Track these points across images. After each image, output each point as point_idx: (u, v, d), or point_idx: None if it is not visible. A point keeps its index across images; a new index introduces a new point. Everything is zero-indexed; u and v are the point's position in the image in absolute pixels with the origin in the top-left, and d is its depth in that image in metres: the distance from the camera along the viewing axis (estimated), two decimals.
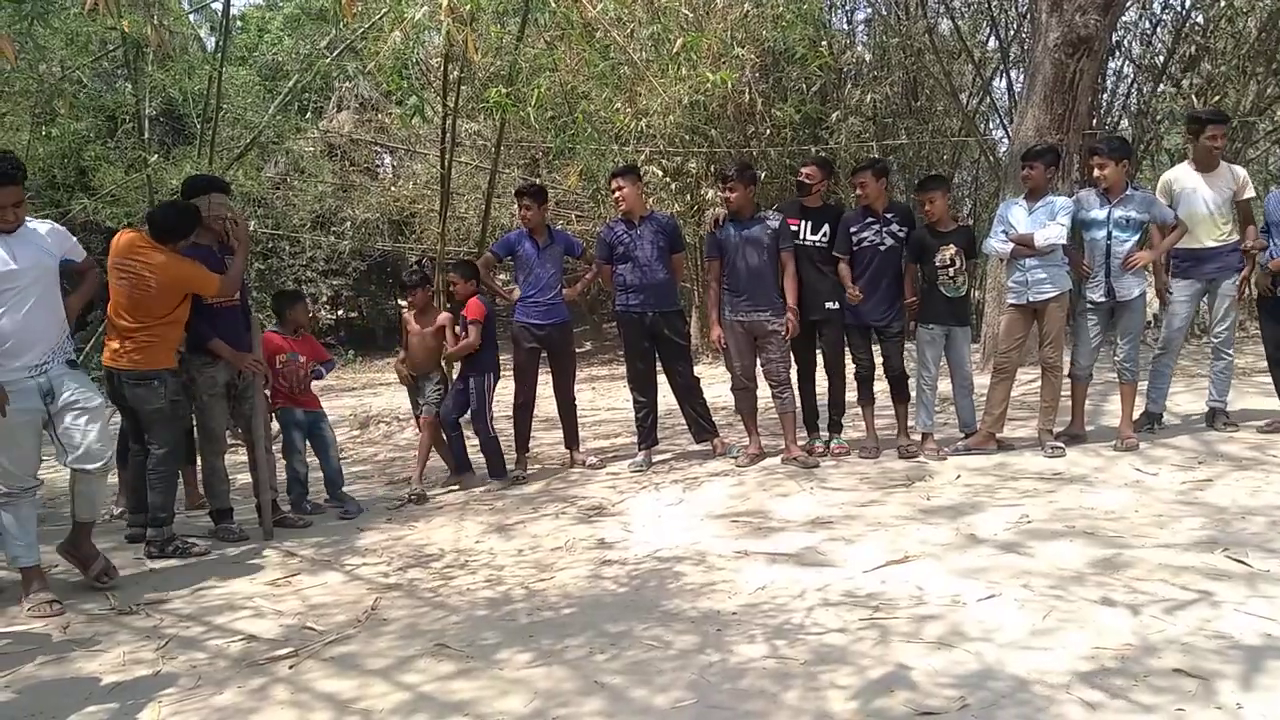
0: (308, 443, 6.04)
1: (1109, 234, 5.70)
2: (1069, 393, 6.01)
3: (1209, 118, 6.01)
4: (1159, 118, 13.97)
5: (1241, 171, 6.06)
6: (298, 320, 6.16)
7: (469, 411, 6.27)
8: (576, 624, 3.59)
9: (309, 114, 17.91)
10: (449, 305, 6.62)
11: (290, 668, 3.35)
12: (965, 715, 2.64)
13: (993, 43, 15.13)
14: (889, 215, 5.99)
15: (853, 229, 6.00)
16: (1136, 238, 5.74)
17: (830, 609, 3.54)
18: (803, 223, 6.13)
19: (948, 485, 5.28)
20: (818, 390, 6.46)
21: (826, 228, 6.09)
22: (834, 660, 3.07)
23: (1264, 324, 6.08)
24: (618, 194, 6.31)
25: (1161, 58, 13.92)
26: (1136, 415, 6.05)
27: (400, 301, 6.57)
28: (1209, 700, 2.63)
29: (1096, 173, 5.75)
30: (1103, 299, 5.78)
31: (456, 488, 6.27)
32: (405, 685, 3.13)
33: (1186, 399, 6.92)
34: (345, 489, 6.06)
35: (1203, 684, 2.72)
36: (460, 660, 3.31)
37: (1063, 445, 5.77)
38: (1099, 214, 5.73)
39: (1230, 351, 6.05)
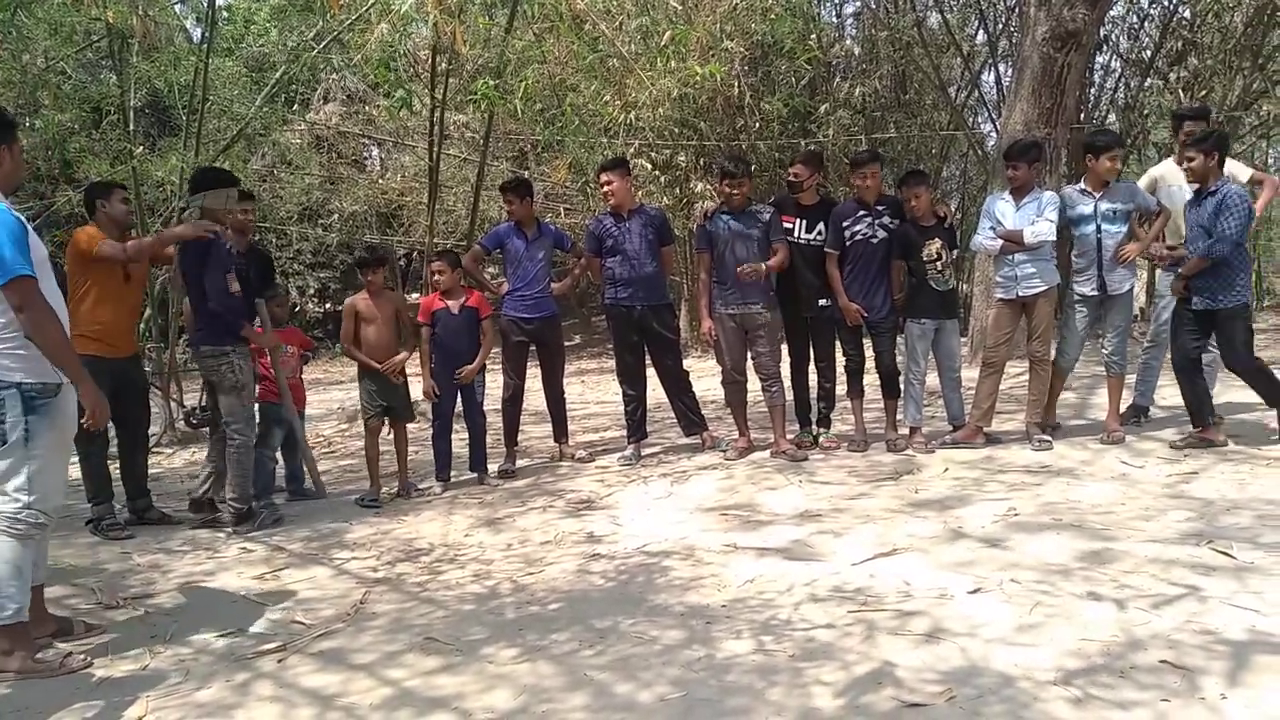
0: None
1: (1098, 227, 5.72)
2: (1071, 386, 6.00)
3: (1187, 114, 6.05)
4: (1146, 112, 14.02)
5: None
6: (277, 313, 6.12)
7: (466, 404, 6.15)
8: (563, 619, 3.58)
9: (296, 106, 17.79)
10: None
11: (279, 662, 3.34)
12: (952, 708, 2.65)
13: (981, 36, 15.18)
14: (880, 208, 5.99)
15: (844, 223, 5.99)
16: (1124, 229, 5.76)
17: (817, 604, 3.55)
18: (798, 221, 6.11)
19: (936, 479, 5.29)
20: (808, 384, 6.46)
21: (822, 226, 6.08)
22: (820, 656, 3.07)
23: (1175, 330, 5.65)
24: (607, 188, 6.27)
25: (1149, 52, 13.97)
26: (1123, 409, 6.07)
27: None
28: (1193, 694, 2.64)
29: (1108, 165, 5.72)
30: (1093, 292, 5.79)
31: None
32: (390, 680, 3.12)
33: (1172, 392, 6.92)
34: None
35: (1187, 679, 2.73)
36: (446, 655, 3.30)
37: (1050, 439, 5.78)
38: (1086, 209, 5.74)
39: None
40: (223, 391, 5.19)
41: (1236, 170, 5.96)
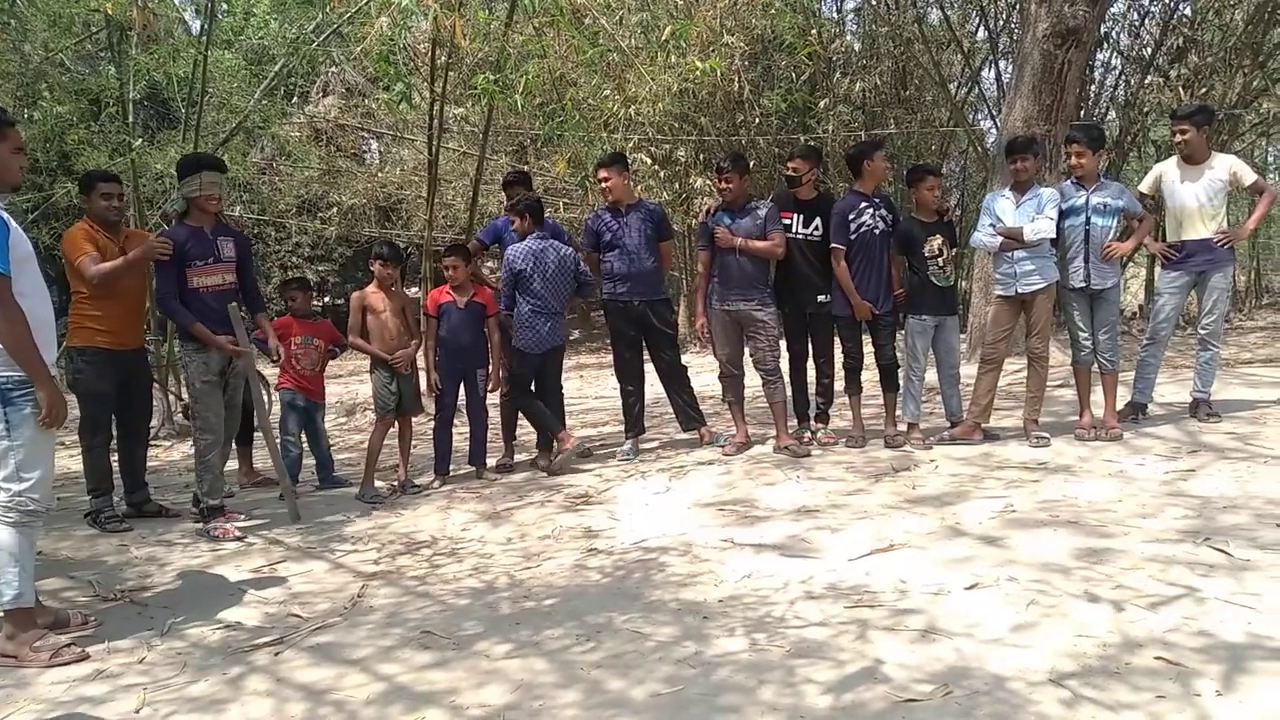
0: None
1: (1087, 219, 5.72)
2: (1070, 383, 5.99)
3: (1179, 113, 6.08)
4: (1146, 109, 14.00)
5: (1230, 159, 6.05)
6: (297, 306, 6.26)
7: (470, 399, 6.13)
8: (558, 614, 3.58)
9: (295, 99, 17.77)
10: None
11: (275, 654, 3.34)
12: (945, 705, 2.64)
13: (982, 33, 15.15)
14: (877, 200, 5.99)
15: (850, 216, 5.94)
16: (1114, 224, 5.76)
17: (812, 601, 3.54)
18: (795, 216, 6.09)
19: (933, 475, 5.29)
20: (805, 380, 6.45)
21: (819, 221, 6.06)
22: (813, 653, 3.06)
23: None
24: (604, 184, 6.27)
25: (1149, 49, 13.94)
26: (1121, 405, 6.07)
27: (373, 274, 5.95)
28: (1188, 696, 2.63)
29: (1074, 160, 5.75)
30: (1082, 284, 5.78)
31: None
32: (383, 675, 3.11)
33: (1170, 389, 6.94)
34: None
35: (1182, 680, 2.72)
36: (441, 650, 3.30)
37: (1047, 435, 5.76)
38: (1077, 200, 5.75)
39: (1217, 344, 6.06)
40: (189, 388, 5.26)
41: (1242, 173, 5.94)
